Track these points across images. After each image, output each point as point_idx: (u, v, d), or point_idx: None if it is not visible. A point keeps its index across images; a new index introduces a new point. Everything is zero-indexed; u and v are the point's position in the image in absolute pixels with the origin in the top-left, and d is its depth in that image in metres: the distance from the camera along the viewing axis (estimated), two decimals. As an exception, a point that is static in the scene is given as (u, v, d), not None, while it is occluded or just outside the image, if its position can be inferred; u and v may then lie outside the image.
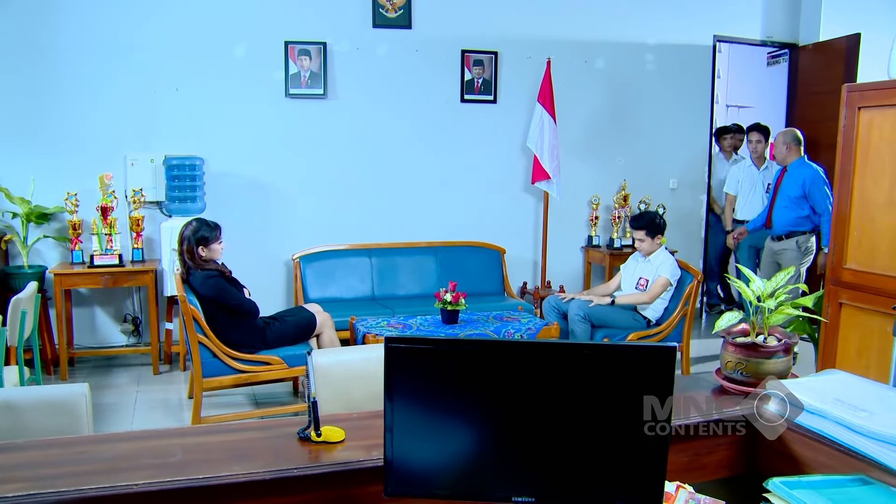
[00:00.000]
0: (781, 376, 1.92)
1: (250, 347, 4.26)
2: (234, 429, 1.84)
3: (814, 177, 5.38)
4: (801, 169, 5.46)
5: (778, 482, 1.50)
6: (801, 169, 5.46)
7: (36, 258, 5.29)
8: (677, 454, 1.74)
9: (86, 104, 5.31)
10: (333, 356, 2.43)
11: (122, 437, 1.74)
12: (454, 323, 4.60)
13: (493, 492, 1.43)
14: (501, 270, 6.20)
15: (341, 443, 1.65)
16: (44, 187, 5.16)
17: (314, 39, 5.71)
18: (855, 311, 3.56)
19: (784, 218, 5.56)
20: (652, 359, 1.39)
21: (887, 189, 3.39)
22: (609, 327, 4.86)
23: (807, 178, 5.40)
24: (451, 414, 1.42)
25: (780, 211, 5.60)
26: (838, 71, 6.39)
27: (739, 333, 2.02)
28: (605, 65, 6.48)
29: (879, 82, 3.48)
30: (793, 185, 5.49)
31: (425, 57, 6.01)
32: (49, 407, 2.02)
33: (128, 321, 5.60)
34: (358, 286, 5.86)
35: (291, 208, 5.84)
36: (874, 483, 1.51)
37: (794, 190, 5.47)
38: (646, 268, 5.00)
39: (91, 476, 1.45)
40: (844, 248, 3.59)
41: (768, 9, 6.87)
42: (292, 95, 5.73)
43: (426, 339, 1.42)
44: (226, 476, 1.48)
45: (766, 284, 1.99)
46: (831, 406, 1.70)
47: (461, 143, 6.18)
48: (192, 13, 5.44)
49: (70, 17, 5.21)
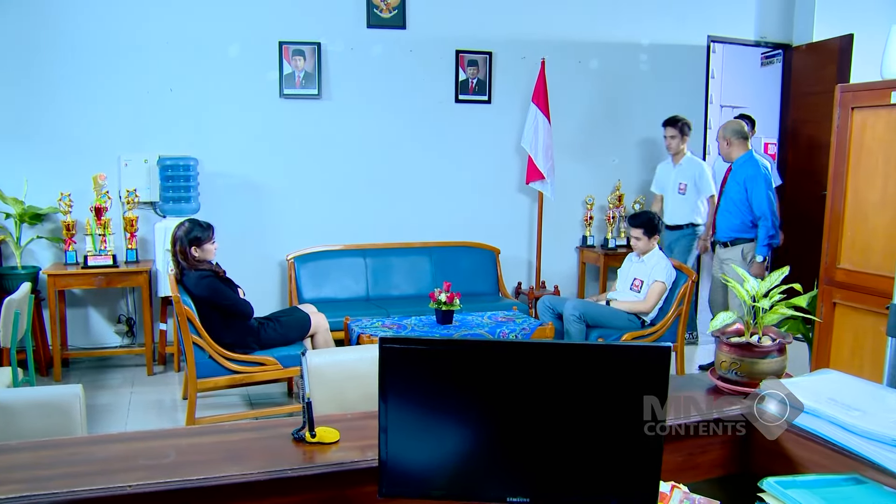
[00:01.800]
0: (776, 376, 1.93)
1: (245, 348, 4.25)
2: (228, 430, 1.83)
3: (754, 175, 4.90)
4: (744, 167, 5.00)
5: (772, 482, 1.50)
6: (744, 167, 5.00)
7: (29, 259, 5.26)
8: (672, 454, 1.74)
9: (79, 104, 5.29)
10: (328, 357, 2.43)
11: (116, 439, 1.74)
12: (449, 323, 4.60)
13: (488, 492, 1.43)
14: (496, 271, 6.20)
15: (336, 443, 1.64)
16: (37, 188, 5.14)
17: (308, 39, 5.70)
18: (848, 311, 3.58)
19: (727, 223, 5.10)
20: (647, 359, 1.39)
21: (880, 189, 3.41)
22: (604, 327, 4.86)
23: (747, 177, 4.93)
24: (446, 414, 1.42)
25: (724, 215, 5.13)
26: (831, 71, 6.41)
27: (734, 333, 2.03)
28: (600, 65, 6.48)
29: (872, 83, 3.50)
30: (735, 186, 5.02)
31: (420, 57, 6.00)
32: (43, 408, 2.01)
33: (122, 322, 5.58)
34: (352, 286, 5.85)
35: (286, 208, 5.83)
36: (868, 482, 1.51)
37: (736, 191, 5.01)
38: (640, 268, 5.00)
39: (84, 477, 1.45)
40: (838, 248, 3.60)
41: (762, 9, 6.89)
42: (287, 96, 5.72)
43: (421, 340, 1.42)
44: (220, 477, 1.48)
45: (760, 284, 1.99)
46: (825, 405, 1.71)
47: (456, 143, 6.18)
48: (185, 13, 5.43)
49: (64, 17, 5.19)
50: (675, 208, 5.88)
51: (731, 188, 5.05)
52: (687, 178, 5.78)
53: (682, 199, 5.82)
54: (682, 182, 5.81)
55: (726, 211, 5.10)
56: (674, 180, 5.88)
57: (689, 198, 5.80)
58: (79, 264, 5.11)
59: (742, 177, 4.96)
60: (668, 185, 5.94)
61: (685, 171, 5.81)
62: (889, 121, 3.37)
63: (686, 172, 5.80)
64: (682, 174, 5.82)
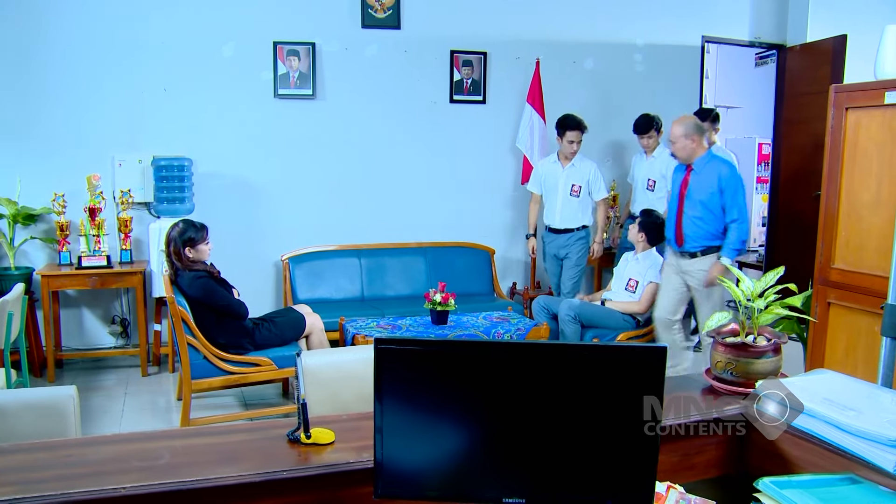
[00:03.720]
0: (771, 376, 1.93)
1: (239, 349, 4.24)
2: (222, 431, 1.83)
3: (730, 175, 4.39)
4: (713, 165, 4.45)
5: (768, 482, 1.50)
6: (713, 165, 4.45)
7: (23, 259, 5.24)
8: (667, 454, 1.74)
9: (73, 104, 5.27)
10: (323, 357, 2.43)
11: (110, 440, 1.72)
12: (444, 324, 4.60)
13: (483, 493, 1.43)
14: (491, 271, 6.20)
15: (331, 444, 1.64)
16: (31, 188, 5.12)
17: (303, 40, 5.69)
18: (843, 311, 3.58)
19: (698, 232, 4.46)
20: (642, 359, 1.39)
21: (874, 189, 3.41)
22: (599, 327, 4.87)
23: (722, 176, 4.38)
24: (442, 415, 1.42)
25: (693, 223, 4.47)
26: (825, 72, 6.43)
27: (729, 333, 2.03)
28: (594, 65, 6.49)
29: (866, 83, 3.50)
30: (704, 188, 4.42)
31: (414, 57, 6.00)
32: (36, 409, 2.00)
33: (116, 323, 5.56)
34: (347, 287, 5.85)
35: (280, 209, 5.82)
36: (863, 482, 1.52)
37: (707, 194, 4.41)
38: (635, 268, 5.01)
39: (78, 479, 1.44)
40: (832, 248, 3.61)
41: (756, 10, 6.90)
42: (281, 96, 5.71)
43: (416, 341, 1.41)
44: (214, 479, 1.47)
45: (755, 284, 2.00)
46: (820, 405, 1.71)
47: (450, 143, 6.18)
48: (180, 13, 5.41)
49: (57, 17, 5.17)
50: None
51: (697, 191, 4.46)
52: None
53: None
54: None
55: (696, 218, 4.46)
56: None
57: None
58: (73, 265, 5.10)
59: (713, 178, 4.40)
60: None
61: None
62: (883, 121, 3.38)
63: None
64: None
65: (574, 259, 5.58)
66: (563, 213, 5.62)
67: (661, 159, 5.66)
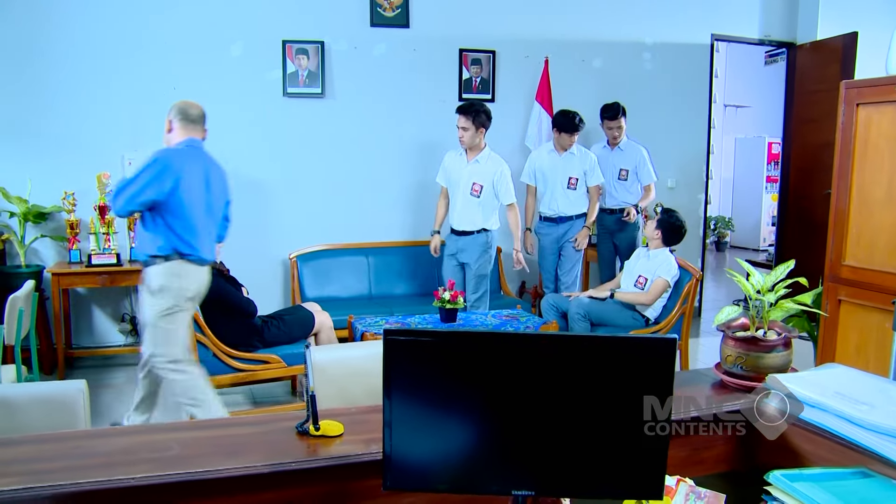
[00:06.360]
0: (781, 370, 1.92)
1: (248, 346, 4.25)
2: (231, 423, 1.83)
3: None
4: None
5: (779, 475, 1.49)
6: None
7: (33, 258, 5.27)
8: (677, 448, 1.73)
9: (83, 103, 5.29)
10: (331, 353, 2.43)
11: (119, 432, 1.73)
12: (452, 322, 4.59)
13: (492, 485, 1.43)
14: (498, 269, 6.18)
15: (340, 437, 1.64)
16: (41, 187, 5.14)
17: (312, 38, 5.70)
18: (854, 308, 3.56)
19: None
20: (652, 351, 1.38)
21: (885, 185, 3.39)
22: (608, 326, 4.86)
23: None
24: (451, 408, 1.41)
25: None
26: (835, 69, 6.40)
27: (739, 328, 2.02)
28: (603, 64, 6.48)
29: (878, 79, 3.49)
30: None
31: (423, 56, 6.00)
32: (46, 403, 2.01)
33: (126, 320, 5.58)
34: (355, 285, 5.85)
35: (289, 207, 5.83)
36: (875, 476, 1.50)
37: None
38: (646, 265, 4.99)
39: (87, 470, 1.44)
40: (843, 245, 3.59)
41: (766, 8, 6.87)
42: (290, 94, 5.72)
43: (425, 332, 1.41)
44: (223, 470, 1.47)
45: (765, 278, 1.98)
46: (832, 399, 1.70)
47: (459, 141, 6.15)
48: (189, 12, 5.43)
49: (67, 16, 5.19)
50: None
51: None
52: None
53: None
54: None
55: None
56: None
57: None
58: (83, 263, 5.11)
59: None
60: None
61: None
62: (894, 117, 3.36)
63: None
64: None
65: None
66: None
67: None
